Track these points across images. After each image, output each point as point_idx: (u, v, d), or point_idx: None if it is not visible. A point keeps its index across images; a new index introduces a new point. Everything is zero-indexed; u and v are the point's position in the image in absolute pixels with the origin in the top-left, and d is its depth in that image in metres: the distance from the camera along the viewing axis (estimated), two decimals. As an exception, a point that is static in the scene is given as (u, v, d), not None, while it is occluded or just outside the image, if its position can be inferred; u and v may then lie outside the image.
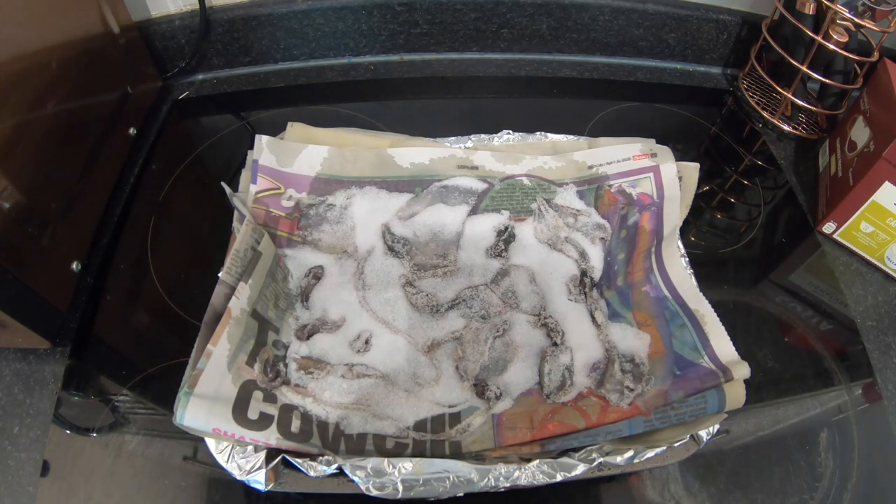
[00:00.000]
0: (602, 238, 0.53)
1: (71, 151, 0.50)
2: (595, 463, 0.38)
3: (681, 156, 0.55)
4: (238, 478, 0.37)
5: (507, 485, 0.37)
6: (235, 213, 0.46)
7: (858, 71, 0.66)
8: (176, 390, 0.37)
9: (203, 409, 0.36)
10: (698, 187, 0.54)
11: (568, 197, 0.54)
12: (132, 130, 0.61)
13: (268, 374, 0.42)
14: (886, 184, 0.53)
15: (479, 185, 0.54)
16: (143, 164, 0.62)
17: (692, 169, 0.53)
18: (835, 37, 0.61)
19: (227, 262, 0.42)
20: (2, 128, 0.42)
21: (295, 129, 0.54)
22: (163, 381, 0.47)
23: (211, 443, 0.38)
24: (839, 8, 0.59)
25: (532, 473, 0.38)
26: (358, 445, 0.42)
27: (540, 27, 0.75)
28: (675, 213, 0.51)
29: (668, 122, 0.72)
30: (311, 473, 0.37)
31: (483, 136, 0.58)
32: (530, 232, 0.54)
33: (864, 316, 0.55)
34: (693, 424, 0.41)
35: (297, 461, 0.38)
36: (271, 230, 0.49)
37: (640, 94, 0.75)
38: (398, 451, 0.41)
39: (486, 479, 0.37)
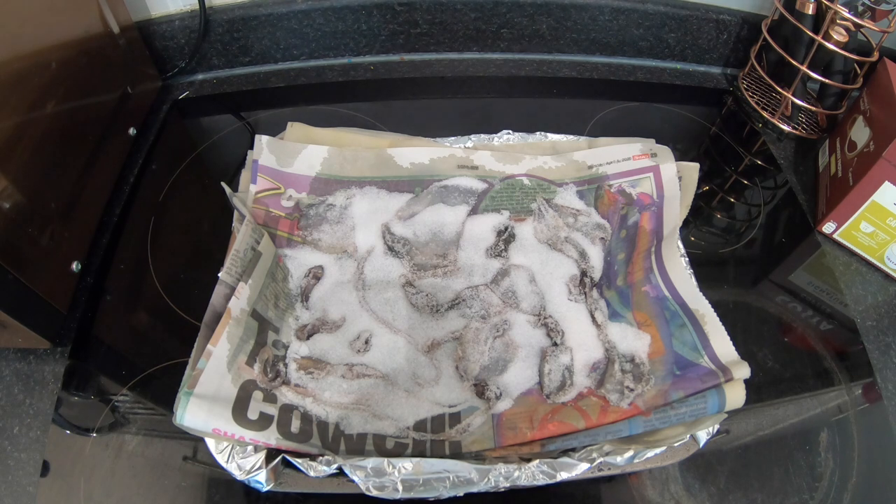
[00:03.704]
0: (602, 238, 0.53)
1: (71, 151, 0.50)
2: (595, 463, 0.38)
3: (681, 156, 0.55)
4: (238, 478, 0.37)
5: (507, 485, 0.37)
6: (235, 213, 0.46)
7: (858, 71, 0.66)
8: (176, 390, 0.37)
9: (203, 409, 0.36)
10: (698, 187, 0.54)
11: (568, 197, 0.54)
12: (132, 130, 0.61)
13: (268, 374, 0.42)
14: (886, 184, 0.53)
15: (479, 185, 0.54)
16: (143, 164, 0.62)
17: (692, 169, 0.53)
18: (835, 37, 0.61)
19: (227, 262, 0.42)
20: (2, 128, 0.42)
21: (295, 129, 0.54)
22: (163, 381, 0.47)
23: (211, 443, 0.38)
24: (839, 8, 0.59)
25: (532, 473, 0.38)
26: (358, 445, 0.42)
27: (540, 27, 0.75)
28: (674, 213, 0.51)
29: (668, 122, 0.72)
30: (311, 473, 0.37)
31: (483, 136, 0.58)
32: (530, 232, 0.54)
33: (864, 316, 0.55)
34: (693, 424, 0.41)
35: (297, 461, 0.38)
36: (271, 230, 0.49)
37: (640, 94, 0.75)
38: (398, 451, 0.41)
39: (486, 479, 0.37)
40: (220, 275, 0.41)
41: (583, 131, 0.65)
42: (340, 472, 0.37)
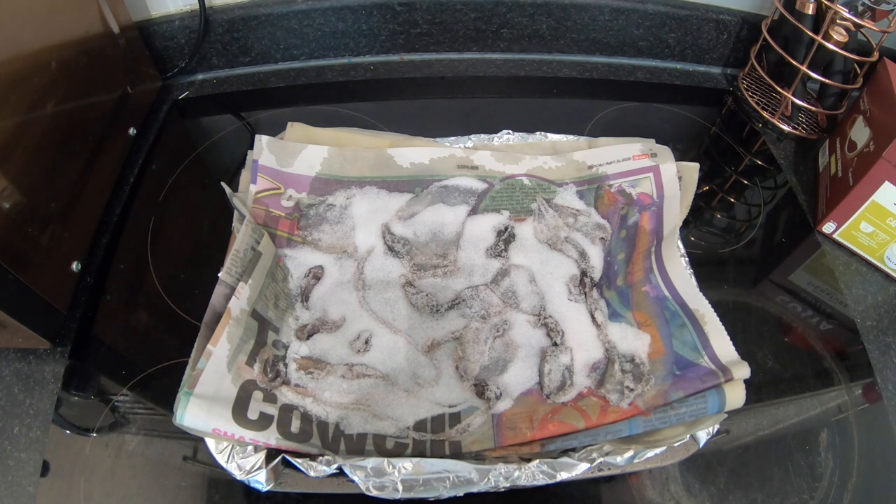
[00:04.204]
0: (602, 238, 0.53)
1: (71, 151, 0.50)
2: (595, 463, 0.38)
3: (681, 156, 0.55)
4: (238, 478, 0.37)
5: (507, 485, 0.37)
6: (235, 213, 0.46)
7: (858, 71, 0.66)
8: (176, 390, 0.37)
9: (203, 409, 0.36)
10: (698, 187, 0.54)
11: (568, 197, 0.54)
12: (132, 130, 0.61)
13: (268, 374, 0.42)
14: (886, 184, 0.53)
15: (479, 185, 0.54)
16: (143, 164, 0.62)
17: (692, 169, 0.53)
18: (835, 37, 0.61)
19: (227, 262, 0.42)
20: (2, 128, 0.42)
21: (295, 129, 0.54)
22: (163, 381, 0.47)
23: (211, 443, 0.38)
24: (839, 8, 0.59)
25: (532, 473, 0.38)
26: (358, 445, 0.42)
27: (540, 27, 0.75)
28: (674, 213, 0.51)
29: (668, 122, 0.72)
30: (311, 473, 0.37)
31: (483, 136, 0.58)
32: (530, 232, 0.54)
33: (864, 316, 0.55)
34: (693, 424, 0.41)
35: (297, 461, 0.38)
36: (271, 230, 0.49)
37: (640, 94, 0.75)
38: (398, 451, 0.41)
39: (486, 479, 0.37)
40: (220, 275, 0.41)
41: (583, 131, 0.65)
42: (340, 472, 0.37)
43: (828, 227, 0.60)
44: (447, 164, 0.54)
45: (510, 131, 0.58)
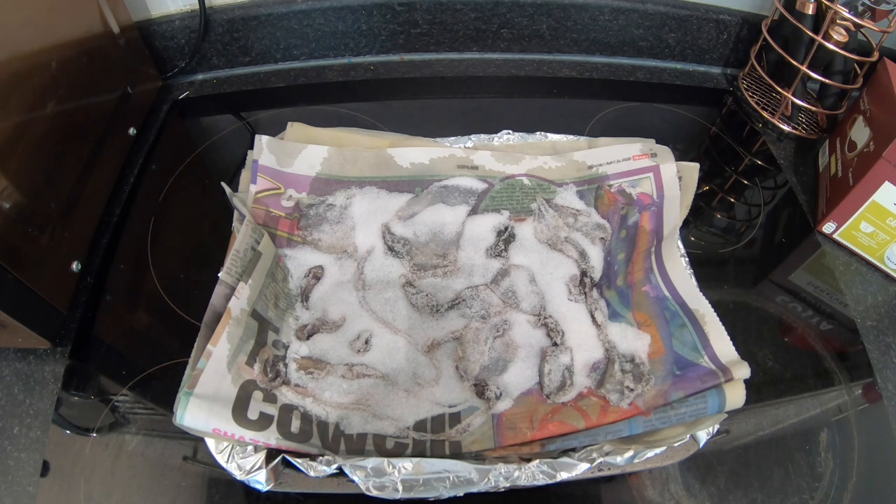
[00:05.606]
0: (602, 238, 0.53)
1: (71, 151, 0.50)
2: (595, 463, 0.38)
3: (681, 156, 0.55)
4: (238, 478, 0.37)
5: (507, 485, 0.37)
6: (235, 213, 0.46)
7: (858, 71, 0.66)
8: (176, 390, 0.37)
9: (203, 409, 0.36)
10: (698, 187, 0.54)
11: (568, 197, 0.54)
12: (132, 130, 0.61)
13: (268, 374, 0.42)
14: (886, 184, 0.53)
15: (479, 185, 0.54)
16: (143, 164, 0.62)
17: (692, 169, 0.53)
18: (835, 37, 0.61)
19: (227, 262, 0.42)
20: (2, 128, 0.42)
21: (295, 129, 0.54)
22: (163, 381, 0.47)
23: (211, 443, 0.38)
24: (839, 8, 0.59)
25: (532, 473, 0.38)
26: (358, 445, 0.42)
27: (540, 27, 0.75)
28: (674, 213, 0.51)
29: (668, 122, 0.72)
30: (311, 473, 0.37)
31: (483, 136, 0.58)
32: (530, 232, 0.54)
33: (864, 316, 0.55)
34: (693, 424, 0.41)
35: (297, 461, 0.38)
36: (271, 230, 0.49)
37: (640, 94, 0.75)
38: (398, 451, 0.41)
39: (486, 479, 0.37)
40: (220, 275, 0.41)
41: (583, 131, 0.65)
42: (340, 472, 0.37)
43: (828, 227, 0.60)
44: (447, 164, 0.54)
45: (510, 131, 0.58)
